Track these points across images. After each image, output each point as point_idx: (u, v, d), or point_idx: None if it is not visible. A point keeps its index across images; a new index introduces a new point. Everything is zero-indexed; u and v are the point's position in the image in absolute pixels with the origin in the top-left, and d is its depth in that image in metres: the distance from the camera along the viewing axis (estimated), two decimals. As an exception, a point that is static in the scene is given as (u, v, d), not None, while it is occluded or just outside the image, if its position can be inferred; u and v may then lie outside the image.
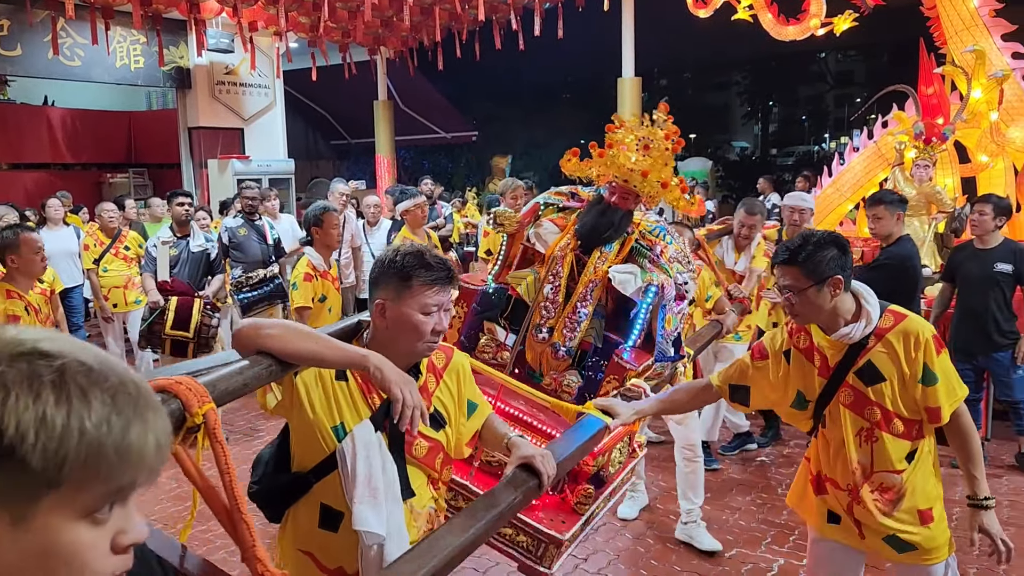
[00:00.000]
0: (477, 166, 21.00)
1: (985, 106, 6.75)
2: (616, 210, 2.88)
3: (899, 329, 2.42)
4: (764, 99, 33.46)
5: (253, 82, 13.02)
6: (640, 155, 2.81)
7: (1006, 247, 5.00)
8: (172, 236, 6.37)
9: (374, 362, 1.75)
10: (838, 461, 2.53)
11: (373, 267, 2.03)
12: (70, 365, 0.74)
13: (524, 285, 2.95)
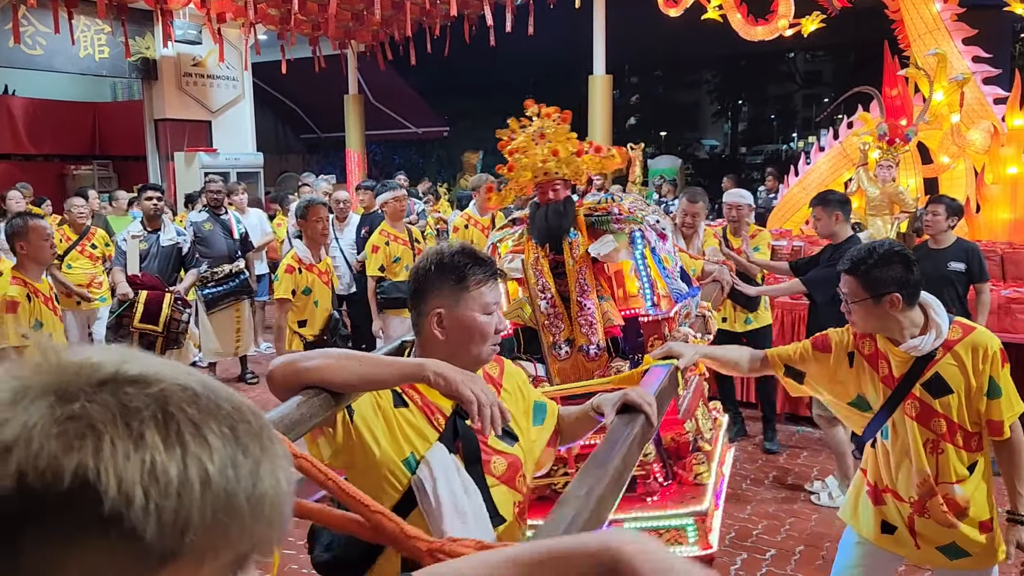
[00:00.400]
0: (448, 161, 20.96)
1: (946, 108, 6.88)
2: (556, 203, 2.89)
3: (967, 341, 2.42)
4: (734, 98, 33.75)
5: (221, 74, 12.89)
6: (543, 143, 2.84)
7: (959, 246, 5.12)
8: (142, 230, 6.27)
9: (432, 368, 1.54)
10: (900, 472, 2.51)
11: (414, 277, 1.81)
12: (171, 392, 0.56)
13: (518, 313, 2.90)
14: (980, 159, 7.06)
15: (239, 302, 7.10)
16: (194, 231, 6.96)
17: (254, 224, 8.36)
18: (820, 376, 2.60)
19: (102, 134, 15.58)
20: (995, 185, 6.96)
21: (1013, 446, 2.43)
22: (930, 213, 5.11)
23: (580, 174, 2.94)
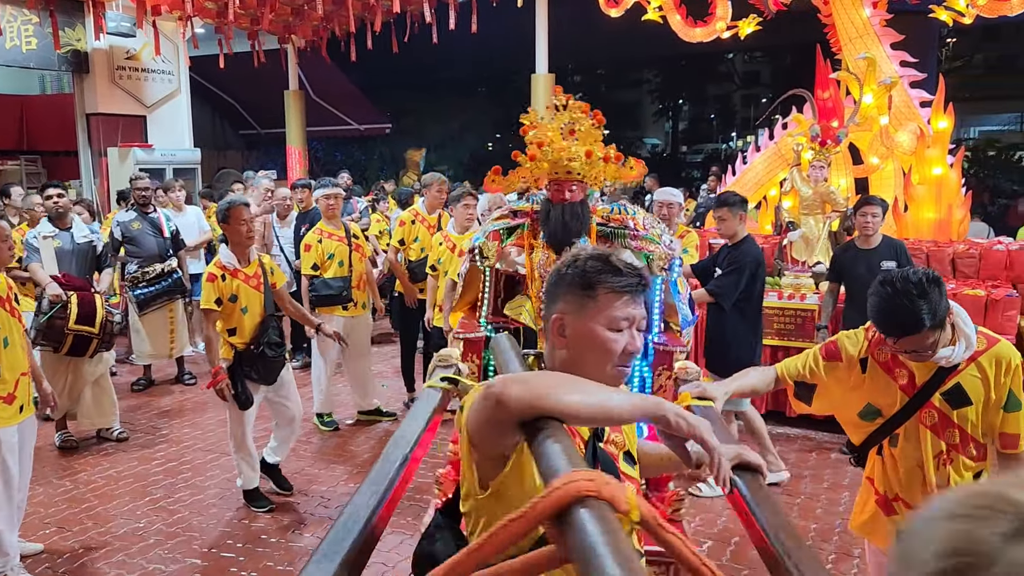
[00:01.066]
0: (391, 159, 20.80)
1: (876, 111, 7.11)
2: (572, 204, 2.78)
3: (992, 353, 2.40)
4: (674, 98, 34.25)
5: (156, 68, 12.56)
6: (572, 140, 2.73)
7: (887, 245, 5.31)
8: (53, 229, 5.92)
9: (672, 409, 1.36)
10: (913, 482, 2.50)
11: (552, 276, 1.66)
12: None
13: (525, 314, 2.78)
14: (907, 160, 7.31)
15: (172, 302, 6.93)
16: (122, 231, 6.77)
17: (191, 222, 8.19)
18: (833, 386, 2.53)
19: (30, 128, 15.02)
20: (921, 185, 7.21)
21: (1022, 458, 2.42)
22: (868, 215, 5.23)
23: (599, 180, 2.85)
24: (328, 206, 6.01)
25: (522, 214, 2.95)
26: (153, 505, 4.81)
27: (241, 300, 4.51)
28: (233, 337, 4.53)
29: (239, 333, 4.53)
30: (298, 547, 4.30)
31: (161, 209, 7.29)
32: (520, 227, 2.93)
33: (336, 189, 6.15)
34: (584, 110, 2.80)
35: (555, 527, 0.94)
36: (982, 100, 30.71)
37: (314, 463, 5.52)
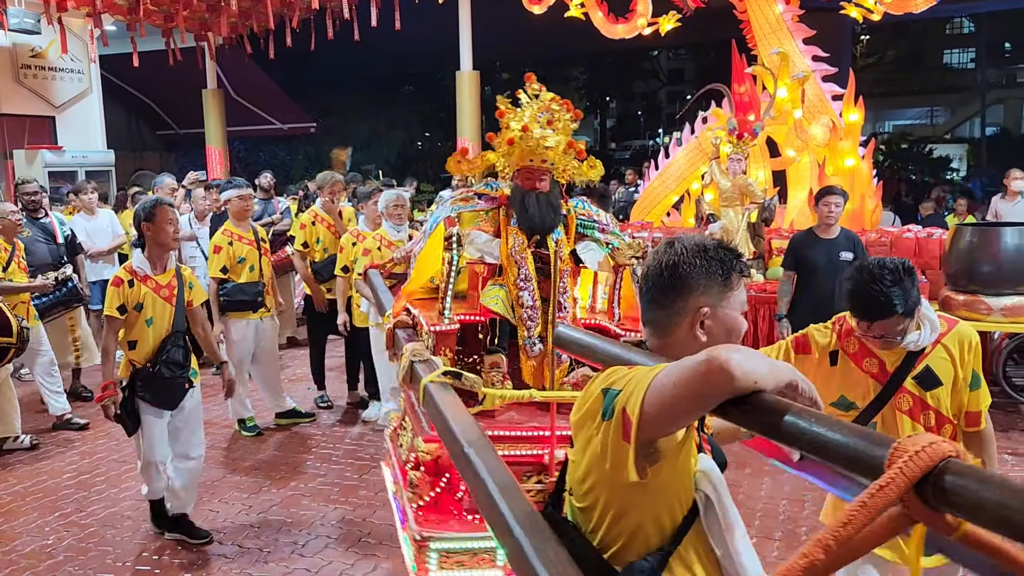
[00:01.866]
0: (316, 158, 20.46)
1: (790, 104, 7.28)
2: (548, 194, 2.77)
3: (954, 334, 2.50)
4: (602, 95, 34.62)
5: (64, 66, 12.08)
6: (548, 130, 2.73)
7: (845, 236, 5.39)
8: None
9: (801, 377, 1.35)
10: None
11: (670, 271, 1.57)
12: None
13: (499, 303, 2.70)
14: (821, 152, 7.51)
15: (70, 309, 6.56)
16: None
17: (103, 226, 7.89)
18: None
19: (-72, 130, 14.30)
20: (835, 176, 7.41)
21: (985, 435, 2.53)
22: (831, 204, 5.26)
23: (566, 174, 2.84)
24: (241, 207, 5.85)
25: (488, 198, 2.88)
26: (63, 520, 4.60)
27: (147, 310, 4.06)
28: (132, 351, 4.08)
29: (139, 347, 4.06)
30: (217, 555, 4.17)
31: (55, 213, 6.95)
32: (485, 213, 2.88)
33: (248, 190, 6.00)
34: (564, 104, 2.81)
35: (911, 490, 1.00)
36: (895, 95, 31.96)
37: (235, 469, 5.37)
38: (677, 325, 1.57)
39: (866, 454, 1.07)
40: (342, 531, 4.42)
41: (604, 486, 1.43)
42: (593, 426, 1.43)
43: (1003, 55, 32.20)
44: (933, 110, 35.08)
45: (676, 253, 1.58)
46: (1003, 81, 32.73)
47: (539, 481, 2.50)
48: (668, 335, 1.60)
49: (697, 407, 1.31)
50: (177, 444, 4.29)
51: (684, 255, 1.57)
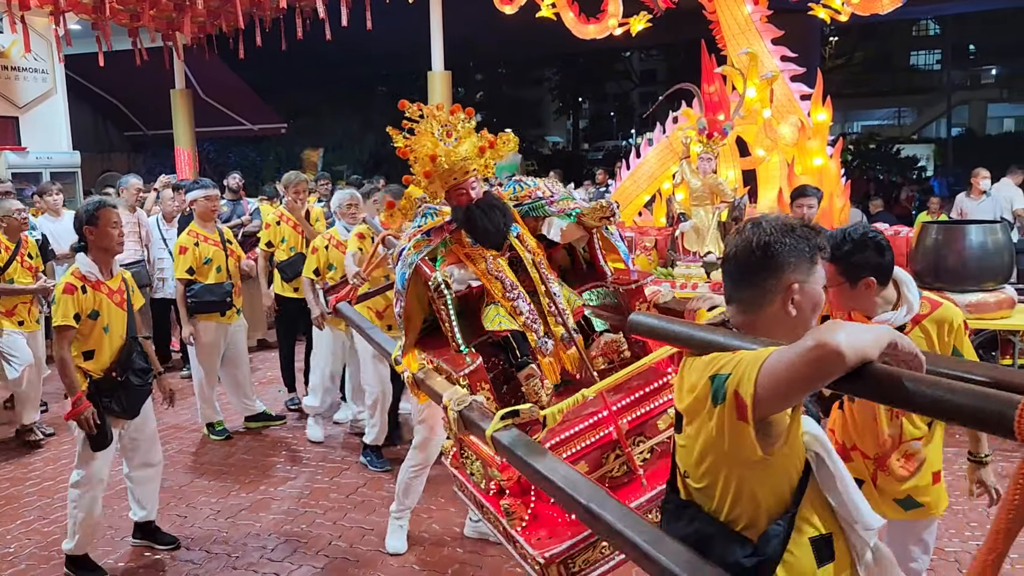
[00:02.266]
0: (287, 159, 20.30)
1: (759, 104, 7.32)
2: (486, 201, 2.73)
3: (935, 316, 2.62)
4: (574, 96, 34.74)
5: (28, 66, 11.87)
6: (452, 142, 2.69)
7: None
8: None
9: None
10: (867, 433, 2.75)
11: (761, 251, 1.65)
12: None
13: (503, 321, 2.70)
14: (790, 151, 7.55)
15: None
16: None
17: (68, 227, 7.74)
18: None
19: None
20: (804, 176, 7.47)
21: None
22: (805, 207, 5.33)
23: (490, 168, 2.79)
24: (207, 208, 5.78)
25: (436, 231, 2.81)
26: (25, 528, 4.51)
27: (103, 317, 3.88)
28: (89, 362, 3.87)
29: (98, 356, 3.87)
30: (185, 560, 4.11)
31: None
32: (441, 245, 2.79)
33: (214, 191, 5.90)
34: (453, 111, 2.75)
35: None
36: (863, 96, 32.41)
37: (203, 474, 5.30)
38: (770, 302, 1.67)
39: (997, 413, 1.19)
40: (312, 535, 4.38)
41: (723, 465, 1.57)
42: (704, 412, 1.56)
43: (968, 57, 32.79)
44: (900, 111, 35.61)
45: (767, 233, 1.67)
46: (968, 83, 33.33)
47: (618, 456, 2.57)
48: (758, 312, 1.69)
49: (809, 388, 1.44)
50: (137, 454, 4.17)
51: (774, 235, 1.66)
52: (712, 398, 1.53)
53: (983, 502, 4.54)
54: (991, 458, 2.90)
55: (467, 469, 2.88)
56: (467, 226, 2.74)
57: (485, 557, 4.05)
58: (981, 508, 4.52)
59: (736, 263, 1.71)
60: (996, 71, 33.37)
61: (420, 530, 4.36)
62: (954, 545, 4.11)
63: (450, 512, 4.57)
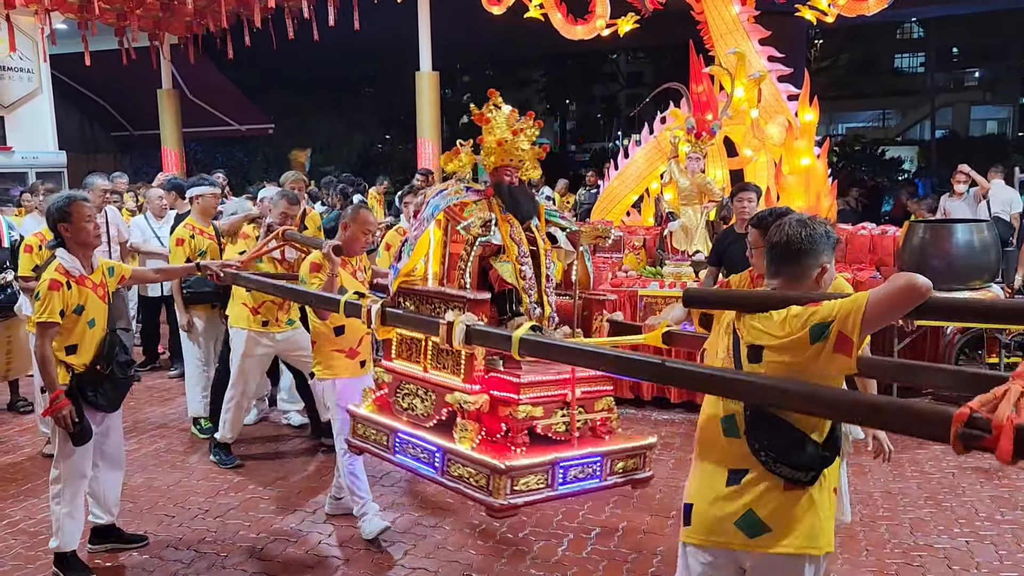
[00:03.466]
0: (275, 160, 20.23)
1: (747, 104, 7.38)
2: (522, 186, 3.34)
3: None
4: (562, 97, 34.77)
5: (13, 65, 11.78)
6: (521, 139, 3.28)
7: None
8: None
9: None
10: None
11: (800, 240, 2.24)
12: None
13: (512, 274, 3.17)
14: (777, 151, 7.61)
15: (7, 320, 6.17)
16: None
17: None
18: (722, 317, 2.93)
19: None
20: (791, 175, 7.53)
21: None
22: (745, 201, 5.35)
23: (527, 172, 3.42)
24: (209, 205, 5.96)
25: (474, 191, 3.34)
26: (11, 528, 4.46)
27: (88, 312, 3.83)
28: (72, 356, 3.81)
29: (81, 351, 3.83)
30: (174, 560, 4.08)
31: (3, 217, 6.71)
32: (475, 202, 3.29)
33: (216, 188, 6.11)
34: (529, 115, 3.36)
35: None
36: (848, 98, 32.59)
37: (191, 473, 5.27)
38: (808, 277, 2.27)
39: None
40: (302, 534, 4.36)
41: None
42: (800, 348, 2.11)
43: (951, 60, 33.04)
44: (885, 113, 35.85)
45: (810, 227, 2.26)
46: (951, 85, 33.60)
47: (564, 416, 2.97)
48: (796, 284, 2.27)
49: (894, 316, 2.16)
50: (109, 447, 4.09)
51: (815, 228, 2.25)
52: (812, 338, 2.08)
53: (970, 498, 4.61)
54: None
55: (401, 410, 3.21)
56: (508, 197, 3.29)
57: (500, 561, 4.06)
58: (969, 504, 4.57)
59: (785, 248, 2.28)
60: (979, 74, 33.68)
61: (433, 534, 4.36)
62: (943, 541, 4.14)
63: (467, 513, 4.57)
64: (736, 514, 2.24)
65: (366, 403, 3.35)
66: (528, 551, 4.10)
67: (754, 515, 2.22)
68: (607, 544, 4.16)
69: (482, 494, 2.73)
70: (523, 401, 2.79)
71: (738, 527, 2.24)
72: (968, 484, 4.85)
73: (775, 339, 2.16)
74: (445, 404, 2.99)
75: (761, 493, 2.22)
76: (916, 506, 4.56)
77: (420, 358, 3.14)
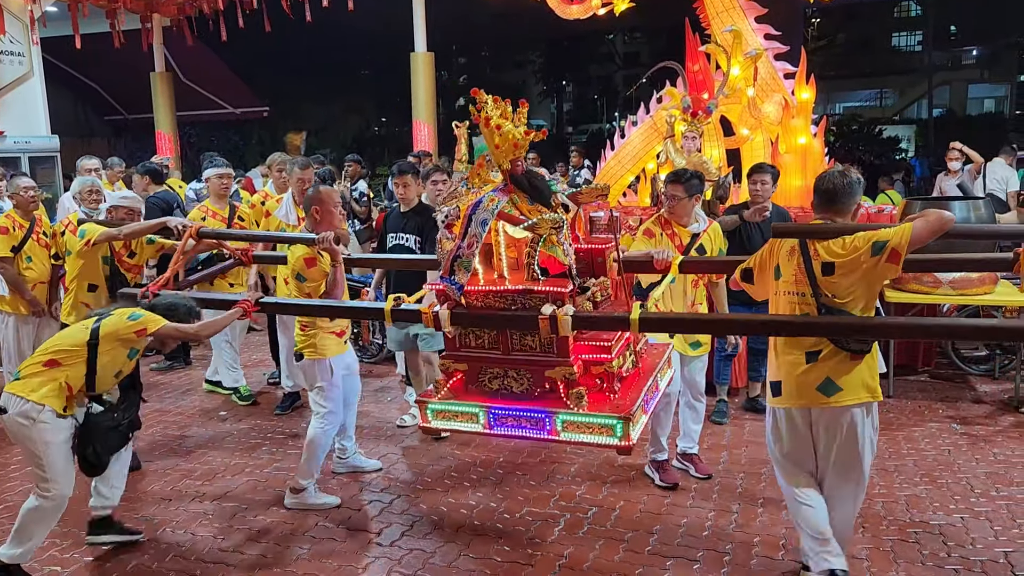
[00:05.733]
0: (271, 143, 20.12)
1: (743, 82, 7.31)
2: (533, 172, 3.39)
3: (712, 227, 4.52)
4: (558, 78, 34.61)
5: (4, 49, 11.65)
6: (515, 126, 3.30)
7: (776, 212, 5.60)
8: None
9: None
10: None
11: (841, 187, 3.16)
12: None
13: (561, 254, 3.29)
14: (774, 130, 7.56)
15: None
16: None
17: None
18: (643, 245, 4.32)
19: None
20: (788, 154, 7.49)
21: (721, 284, 4.63)
22: (759, 183, 5.44)
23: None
24: (220, 185, 6.07)
25: (499, 191, 3.33)
26: (3, 531, 4.47)
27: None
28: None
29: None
30: (171, 543, 4.08)
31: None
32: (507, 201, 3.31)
33: (227, 169, 6.15)
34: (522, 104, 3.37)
35: None
36: (845, 77, 32.47)
37: (188, 455, 5.26)
38: (848, 213, 3.19)
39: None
40: (299, 515, 4.37)
41: (863, 291, 3.11)
42: (863, 260, 3.03)
43: (949, 38, 32.89)
44: (882, 92, 35.72)
45: (848, 176, 3.18)
46: (949, 64, 33.45)
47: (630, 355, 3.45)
48: (842, 219, 3.17)
49: (931, 239, 2.97)
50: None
51: (851, 176, 3.18)
52: (872, 252, 3.00)
53: (966, 475, 4.63)
54: None
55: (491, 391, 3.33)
56: (529, 189, 3.30)
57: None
58: (964, 481, 4.58)
59: (834, 191, 3.18)
60: (976, 52, 33.53)
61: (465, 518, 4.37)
62: (939, 518, 4.15)
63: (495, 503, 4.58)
64: (817, 380, 3.18)
65: (439, 392, 3.41)
66: (525, 531, 4.11)
67: (831, 380, 3.17)
68: (603, 523, 4.17)
69: (612, 439, 3.09)
70: (614, 357, 3.22)
71: (819, 390, 3.19)
72: (964, 461, 4.86)
73: (843, 256, 3.06)
74: (545, 379, 3.22)
75: (834, 364, 3.16)
76: (912, 483, 4.57)
77: (499, 343, 3.28)
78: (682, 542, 3.97)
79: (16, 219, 5.61)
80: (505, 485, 4.66)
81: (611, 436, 3.10)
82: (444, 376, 3.44)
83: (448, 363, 3.41)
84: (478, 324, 3.30)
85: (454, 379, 3.40)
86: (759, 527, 4.10)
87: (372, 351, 7.40)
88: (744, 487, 4.58)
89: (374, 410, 6.11)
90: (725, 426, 5.56)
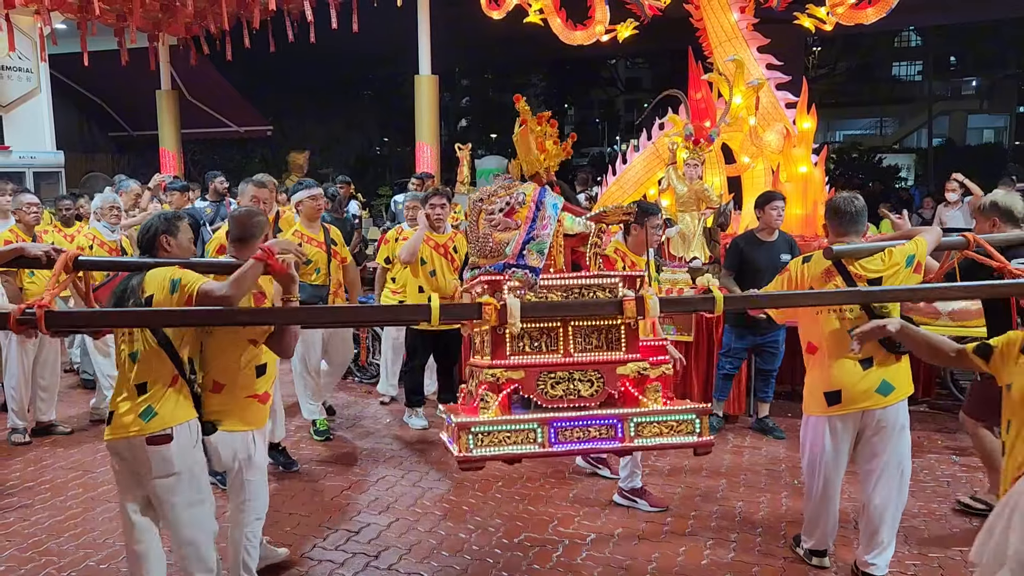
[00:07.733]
0: (273, 161, 20.22)
1: (745, 111, 7.38)
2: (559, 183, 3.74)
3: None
4: (561, 102, 34.86)
5: (12, 65, 11.78)
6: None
7: (783, 239, 5.78)
8: None
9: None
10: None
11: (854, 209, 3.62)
12: None
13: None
14: (775, 159, 7.62)
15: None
16: None
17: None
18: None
19: None
20: (789, 183, 7.54)
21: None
22: (776, 211, 5.71)
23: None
24: (314, 207, 5.66)
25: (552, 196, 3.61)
26: (6, 530, 4.46)
27: None
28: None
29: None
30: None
31: None
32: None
33: (318, 190, 5.80)
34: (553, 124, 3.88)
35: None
36: (846, 106, 32.70)
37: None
38: (861, 233, 3.67)
39: None
40: (297, 539, 4.36)
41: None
42: (902, 270, 3.52)
43: (949, 68, 33.17)
44: (882, 121, 35.97)
45: (859, 200, 3.64)
46: (948, 93, 33.73)
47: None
48: (857, 239, 3.64)
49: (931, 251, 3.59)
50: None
51: (860, 201, 3.65)
52: (906, 264, 3.52)
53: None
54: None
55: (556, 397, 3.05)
56: (566, 190, 3.72)
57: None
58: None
59: (855, 214, 3.64)
60: (976, 82, 33.83)
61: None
62: (936, 551, 4.14)
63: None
64: (875, 383, 3.55)
65: (486, 412, 2.97)
66: (523, 556, 4.10)
67: (887, 382, 3.56)
68: (602, 551, 4.16)
69: (692, 437, 3.04)
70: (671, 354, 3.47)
71: (878, 392, 3.56)
72: (964, 493, 4.86)
73: (888, 272, 3.52)
74: (618, 377, 3.09)
75: (888, 367, 3.56)
76: (910, 515, 4.54)
77: (559, 345, 3.05)
78: (680, 570, 3.96)
79: (19, 235, 5.66)
80: (503, 509, 4.66)
81: (690, 434, 3.02)
82: (484, 389, 2.97)
83: (499, 373, 2.98)
84: (552, 313, 3.01)
85: (503, 392, 2.99)
86: (757, 556, 4.10)
87: (372, 372, 7.42)
88: (743, 513, 4.58)
89: (373, 430, 6.11)
90: (723, 453, 5.56)
